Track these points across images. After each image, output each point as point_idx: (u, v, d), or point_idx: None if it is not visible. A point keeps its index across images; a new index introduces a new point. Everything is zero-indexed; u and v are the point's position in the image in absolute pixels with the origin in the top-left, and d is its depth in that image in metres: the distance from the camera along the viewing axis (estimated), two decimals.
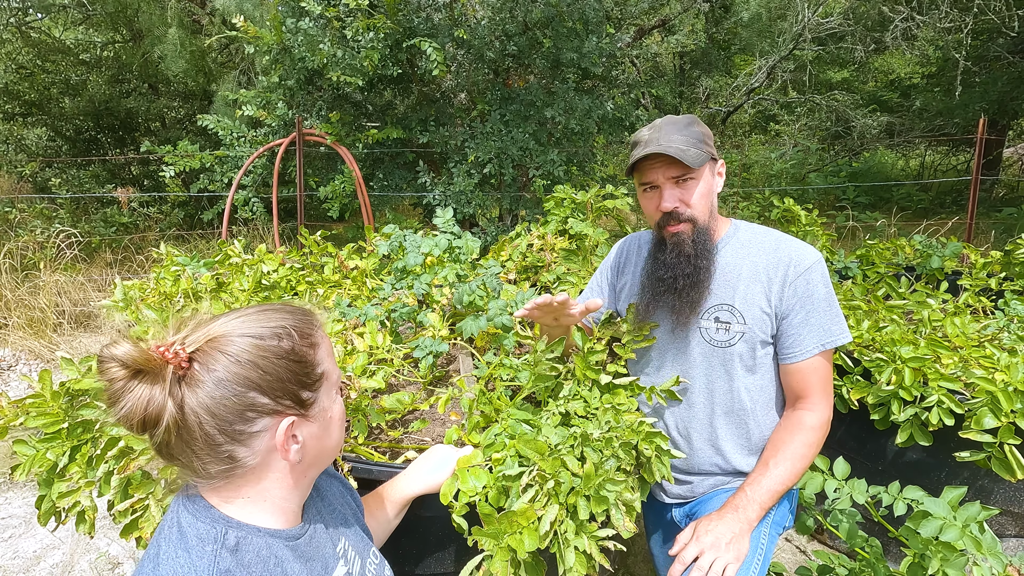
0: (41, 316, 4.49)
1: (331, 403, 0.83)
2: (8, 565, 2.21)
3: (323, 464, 0.86)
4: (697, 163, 1.26)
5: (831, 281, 1.38)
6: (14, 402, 1.27)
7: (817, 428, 1.30)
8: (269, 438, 0.75)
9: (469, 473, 1.12)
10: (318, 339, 0.81)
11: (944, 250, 2.84)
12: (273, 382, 0.74)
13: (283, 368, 0.74)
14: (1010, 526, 2.03)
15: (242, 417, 0.72)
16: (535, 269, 2.41)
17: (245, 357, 0.72)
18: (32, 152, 8.03)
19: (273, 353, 0.74)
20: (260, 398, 0.73)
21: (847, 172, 10.72)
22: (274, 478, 0.78)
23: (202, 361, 0.71)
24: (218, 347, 0.71)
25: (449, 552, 1.34)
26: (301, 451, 0.79)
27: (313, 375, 0.78)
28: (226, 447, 0.72)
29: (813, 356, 1.29)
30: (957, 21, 6.29)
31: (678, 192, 1.31)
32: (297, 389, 0.76)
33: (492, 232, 4.73)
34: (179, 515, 0.74)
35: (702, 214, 1.32)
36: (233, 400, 0.71)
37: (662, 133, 1.30)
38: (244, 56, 7.11)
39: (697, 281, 1.32)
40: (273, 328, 0.75)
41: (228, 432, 0.72)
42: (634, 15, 6.58)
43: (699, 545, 1.17)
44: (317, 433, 0.81)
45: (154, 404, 0.68)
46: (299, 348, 0.77)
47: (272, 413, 0.75)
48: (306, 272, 2.31)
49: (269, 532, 0.77)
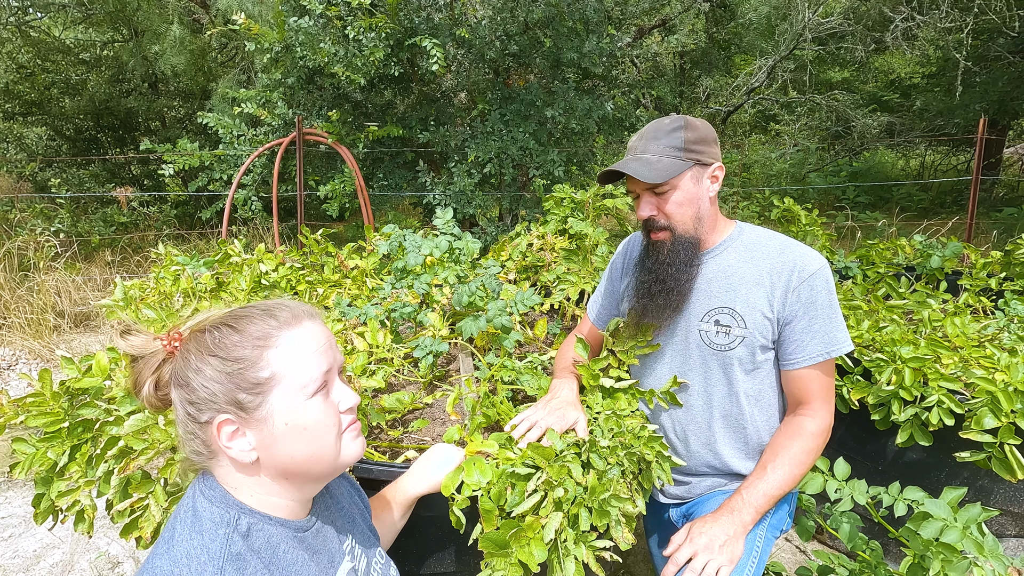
0: (40, 316, 4.49)
1: (293, 407, 0.77)
2: (8, 564, 2.21)
3: (309, 470, 0.81)
4: (663, 177, 1.25)
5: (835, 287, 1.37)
6: (14, 401, 1.27)
7: (817, 434, 1.30)
8: (212, 432, 0.77)
9: (475, 466, 1.12)
10: (275, 342, 0.77)
11: (944, 250, 2.84)
12: (215, 376, 0.75)
13: (218, 365, 0.75)
14: (1010, 526, 2.03)
15: (195, 405, 0.76)
16: (535, 269, 2.41)
17: (202, 350, 0.76)
18: (32, 152, 8.03)
19: (218, 347, 0.76)
20: (201, 391, 0.75)
21: (847, 172, 10.72)
22: (242, 470, 0.79)
23: (183, 349, 0.77)
24: (193, 338, 0.78)
25: (449, 552, 1.34)
26: (255, 453, 0.77)
27: (253, 378, 0.76)
28: (197, 434, 0.77)
29: (815, 363, 1.29)
30: (957, 21, 6.29)
31: (655, 201, 1.31)
32: (232, 390, 0.75)
33: (492, 232, 4.73)
34: (195, 499, 0.77)
35: (681, 223, 1.31)
36: (192, 387, 0.75)
37: (643, 141, 1.31)
38: (244, 55, 7.11)
39: (666, 289, 1.32)
40: (230, 324, 0.77)
41: (191, 416, 0.76)
42: (634, 15, 6.57)
43: (693, 547, 1.17)
44: (273, 437, 0.77)
45: (145, 376, 0.79)
46: (240, 349, 0.76)
47: (211, 409, 0.76)
48: (306, 271, 2.31)
49: (279, 521, 0.79)
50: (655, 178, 1.25)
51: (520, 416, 1.27)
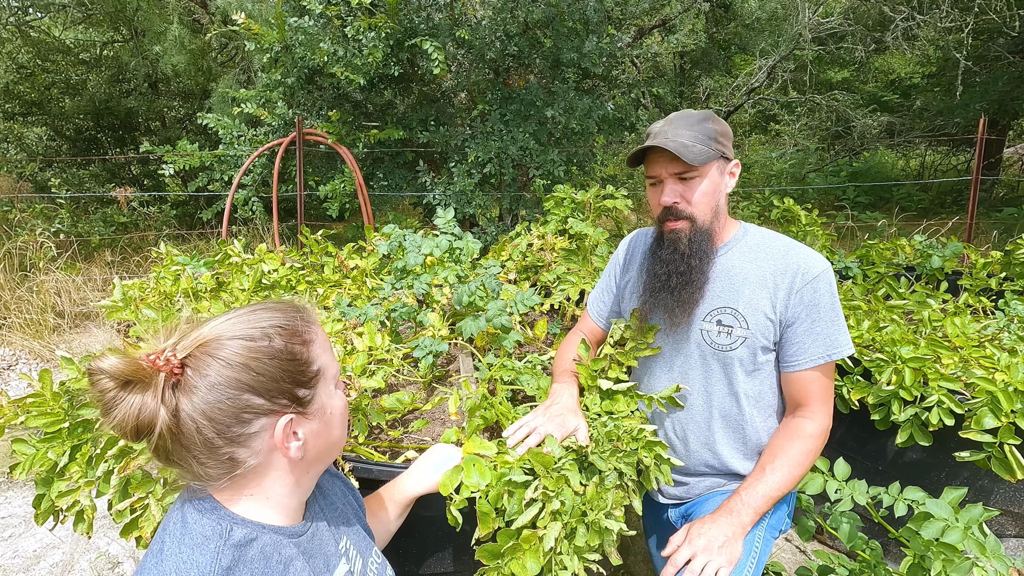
0: (40, 316, 4.49)
1: (329, 398, 0.83)
2: (8, 564, 2.21)
3: (327, 460, 0.87)
4: (699, 160, 1.24)
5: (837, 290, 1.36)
6: (14, 401, 1.27)
7: (816, 436, 1.30)
8: (268, 437, 0.76)
9: (474, 468, 1.11)
10: (312, 335, 0.81)
11: (944, 250, 2.84)
12: (267, 382, 0.74)
13: (276, 367, 0.75)
14: (1010, 526, 2.03)
15: (239, 419, 0.73)
16: (535, 269, 2.41)
17: (236, 360, 0.72)
18: (32, 152, 8.03)
19: (264, 353, 0.74)
20: (255, 399, 0.73)
21: (847, 172, 10.72)
22: (276, 476, 0.79)
23: (194, 367, 0.71)
24: (209, 351, 0.72)
25: (448, 552, 1.34)
26: (303, 448, 0.79)
27: (308, 372, 0.79)
28: (225, 449, 0.73)
29: (816, 365, 1.28)
30: (958, 21, 6.29)
31: (680, 188, 1.29)
32: (292, 387, 0.77)
33: (492, 232, 4.73)
34: (184, 511, 0.75)
35: (702, 213, 1.30)
36: (228, 404, 0.72)
37: (671, 126, 1.28)
38: (244, 55, 7.10)
39: (689, 280, 1.30)
40: (263, 328, 0.76)
41: (226, 435, 0.73)
42: (634, 15, 6.57)
43: (692, 548, 1.17)
44: (317, 429, 0.81)
45: (146, 411, 0.69)
46: (291, 346, 0.77)
47: (269, 413, 0.75)
48: (306, 272, 2.31)
49: (274, 529, 0.78)
50: (695, 160, 1.23)
51: (519, 422, 1.26)
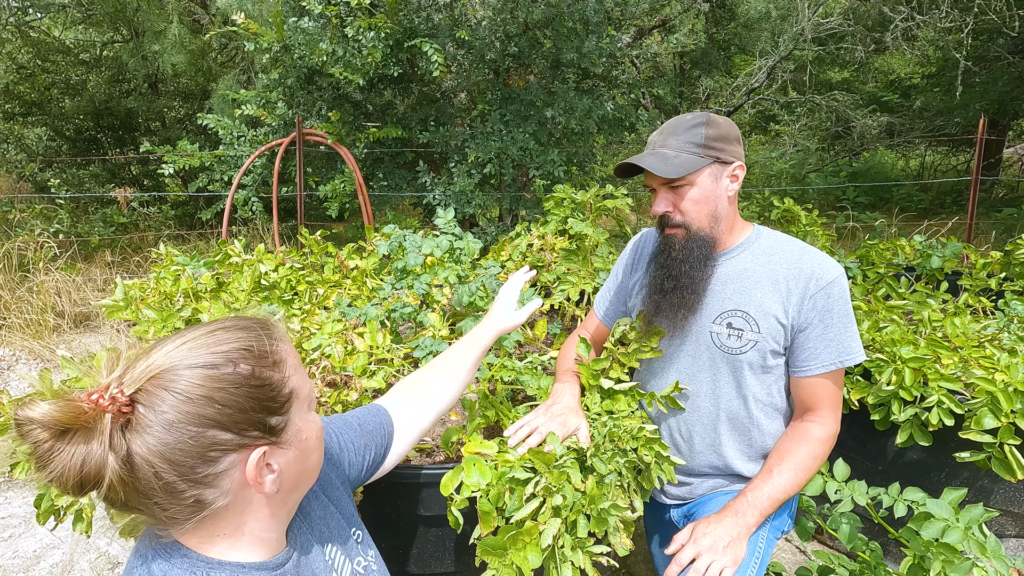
0: (40, 316, 4.49)
1: (305, 422, 0.73)
2: (8, 565, 2.21)
3: (305, 487, 0.78)
4: (680, 171, 1.24)
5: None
6: (14, 400, 1.27)
7: (824, 441, 1.30)
8: (239, 474, 0.66)
9: (474, 467, 1.11)
10: (281, 354, 0.71)
11: (944, 250, 2.84)
12: (234, 414, 0.64)
13: (244, 396, 0.65)
14: (1010, 526, 2.03)
15: (204, 459, 0.63)
16: (535, 269, 2.41)
17: (196, 392, 0.62)
18: (32, 152, 8.03)
19: (230, 382, 0.64)
20: (222, 435, 0.64)
21: (847, 172, 10.73)
22: (250, 512, 0.70)
23: (146, 403, 0.61)
24: (163, 384, 0.61)
25: (448, 552, 1.34)
26: (278, 480, 0.70)
27: (280, 397, 0.69)
28: (190, 492, 0.64)
29: (827, 371, 1.28)
30: (957, 21, 6.29)
31: (671, 196, 1.30)
32: (263, 416, 0.67)
33: (492, 232, 4.73)
34: (150, 563, 0.66)
35: (695, 220, 1.29)
36: (190, 443, 0.62)
37: (661, 137, 1.30)
38: (244, 55, 7.11)
39: (680, 285, 1.31)
40: (226, 353, 0.65)
41: (190, 478, 0.63)
42: (634, 15, 6.57)
43: (696, 547, 1.17)
44: (294, 457, 0.72)
45: (91, 462, 0.59)
46: (260, 370, 0.67)
47: (239, 448, 0.66)
48: (306, 272, 2.30)
49: (254, 566, 0.70)
50: (670, 173, 1.24)
51: (520, 421, 1.27)
